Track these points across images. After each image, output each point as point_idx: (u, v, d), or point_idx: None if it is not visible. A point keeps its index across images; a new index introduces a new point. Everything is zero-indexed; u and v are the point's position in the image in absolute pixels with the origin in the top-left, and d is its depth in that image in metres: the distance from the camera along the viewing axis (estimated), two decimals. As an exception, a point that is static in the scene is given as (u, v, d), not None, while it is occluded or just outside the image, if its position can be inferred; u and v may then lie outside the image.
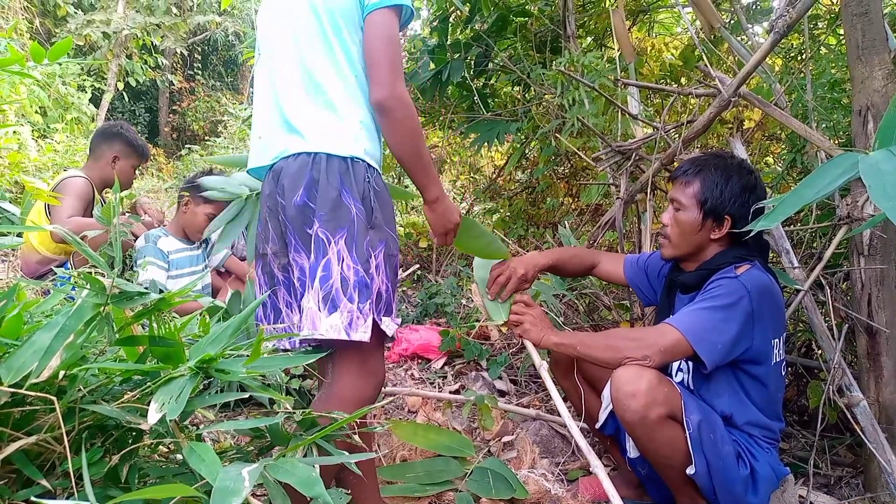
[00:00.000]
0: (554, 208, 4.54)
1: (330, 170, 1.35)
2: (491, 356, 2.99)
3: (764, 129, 3.91)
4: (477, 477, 1.87)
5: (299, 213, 1.35)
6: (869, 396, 1.98)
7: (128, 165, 3.05)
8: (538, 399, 2.63)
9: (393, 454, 2.04)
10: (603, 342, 1.69)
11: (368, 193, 1.38)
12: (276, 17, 1.49)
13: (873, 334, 1.99)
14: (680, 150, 2.23)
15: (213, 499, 0.76)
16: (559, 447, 2.28)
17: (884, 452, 1.83)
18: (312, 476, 0.84)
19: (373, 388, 1.38)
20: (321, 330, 1.30)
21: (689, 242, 1.78)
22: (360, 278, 1.33)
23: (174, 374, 1.00)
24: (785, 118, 2.02)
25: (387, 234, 1.41)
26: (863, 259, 2.00)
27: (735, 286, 1.64)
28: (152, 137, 11.69)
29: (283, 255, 1.43)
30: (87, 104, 7.56)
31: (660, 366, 1.63)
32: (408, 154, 1.41)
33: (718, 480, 1.62)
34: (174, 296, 1.08)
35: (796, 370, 2.64)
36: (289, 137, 1.40)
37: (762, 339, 1.66)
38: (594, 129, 2.72)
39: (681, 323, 1.63)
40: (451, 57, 3.84)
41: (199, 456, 0.87)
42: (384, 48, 1.36)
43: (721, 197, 1.71)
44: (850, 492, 2.10)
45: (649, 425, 1.57)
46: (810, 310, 2.09)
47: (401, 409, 2.53)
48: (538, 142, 4.07)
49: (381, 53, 1.36)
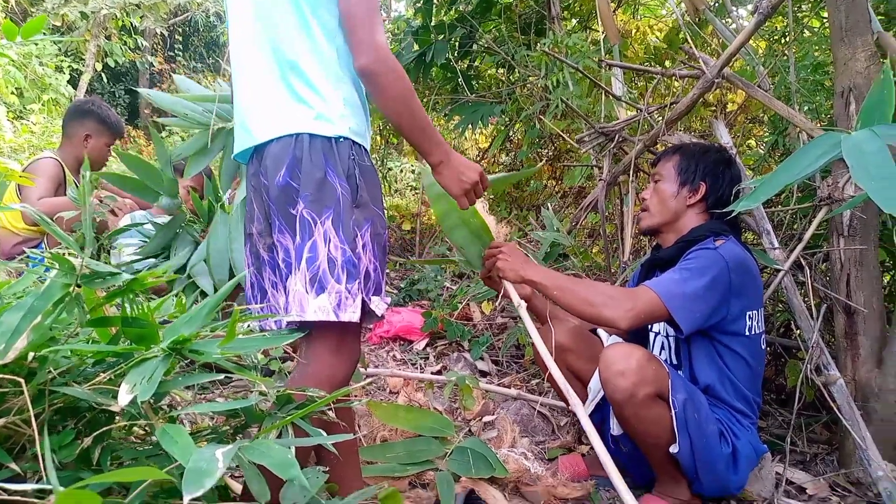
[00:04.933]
0: (537, 191, 4.53)
1: (313, 150, 1.32)
2: (473, 337, 2.99)
3: (747, 112, 3.92)
4: (457, 456, 1.87)
5: (282, 193, 1.33)
6: (846, 375, 2.00)
7: (101, 143, 2.95)
8: (519, 379, 2.64)
9: (373, 435, 2.03)
10: (581, 294, 1.68)
11: (353, 171, 1.35)
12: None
13: (851, 314, 2.01)
14: (663, 131, 2.23)
15: (186, 480, 0.75)
16: (539, 426, 2.29)
17: (859, 430, 1.86)
18: (288, 458, 0.83)
19: (348, 368, 1.36)
20: (309, 312, 1.28)
21: (667, 209, 1.87)
22: (348, 258, 1.30)
23: (147, 356, 0.98)
24: (768, 100, 2.02)
25: (373, 212, 1.38)
26: (842, 240, 2.01)
27: (714, 256, 1.67)
28: (132, 119, 11.50)
29: (267, 236, 1.41)
30: (65, 85, 7.42)
31: (632, 327, 1.65)
32: (403, 117, 1.36)
33: (701, 459, 1.64)
34: (147, 276, 1.05)
35: (775, 350, 2.67)
36: (271, 120, 1.37)
37: (738, 310, 1.70)
38: (578, 110, 2.71)
39: (659, 286, 1.65)
40: (434, 38, 3.81)
41: (172, 437, 0.86)
42: (362, 12, 1.31)
43: (697, 165, 1.84)
44: (826, 468, 2.14)
45: (637, 404, 1.58)
46: (790, 290, 2.11)
47: (382, 390, 2.53)
48: (522, 124, 4.05)
49: (359, 18, 1.31)
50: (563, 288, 1.70)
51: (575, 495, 1.85)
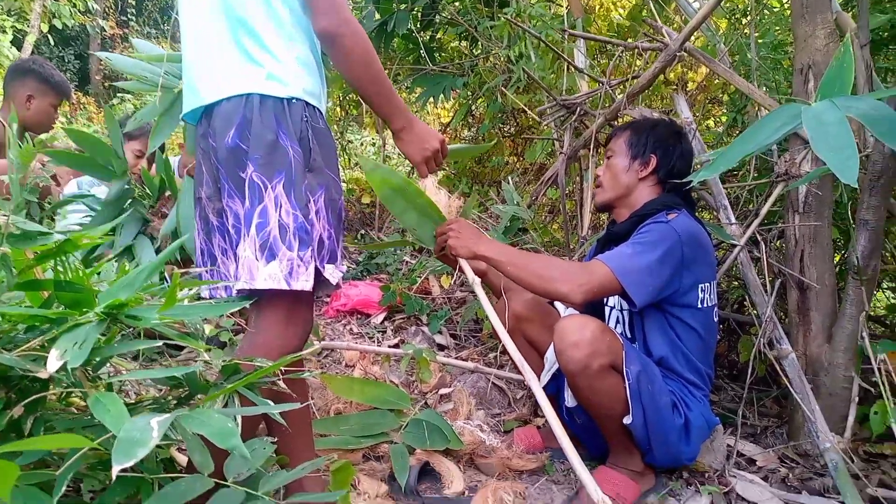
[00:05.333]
0: (499, 166, 4.50)
1: (264, 111, 1.26)
2: (432, 311, 2.97)
3: (707, 92, 3.95)
4: (412, 429, 1.86)
5: (231, 155, 1.27)
6: (797, 350, 2.04)
7: (45, 104, 2.78)
8: (477, 353, 2.63)
9: (327, 408, 2.00)
10: (534, 268, 1.67)
11: (307, 133, 1.29)
12: None
13: (804, 290, 2.04)
14: (624, 105, 2.21)
15: (116, 450, 0.70)
16: (496, 399, 2.28)
17: (809, 403, 1.90)
18: (228, 427, 0.79)
19: (300, 339, 1.32)
20: (259, 280, 1.23)
21: (619, 184, 1.87)
22: (300, 224, 1.25)
23: (80, 321, 0.92)
24: (729, 75, 2.02)
25: (328, 177, 1.33)
26: (798, 216, 2.04)
27: (666, 230, 1.67)
28: (83, 85, 11.07)
29: (216, 200, 1.35)
30: (9, 47, 7.09)
31: (586, 301, 1.65)
32: (364, 81, 1.32)
33: (654, 430, 1.65)
34: (81, 237, 0.99)
35: (729, 326, 2.71)
36: (220, 80, 1.30)
37: (690, 283, 1.71)
38: (540, 82, 2.68)
39: (611, 260, 1.64)
40: (396, 8, 3.72)
41: (105, 406, 0.81)
42: None
43: (647, 138, 1.85)
44: (775, 441, 2.19)
45: (591, 375, 1.58)
46: (745, 265, 2.13)
47: (338, 363, 2.49)
48: (484, 98, 4.00)
49: None
50: (516, 263, 1.69)
51: (530, 467, 1.85)
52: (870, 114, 1.10)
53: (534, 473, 1.87)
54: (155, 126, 1.73)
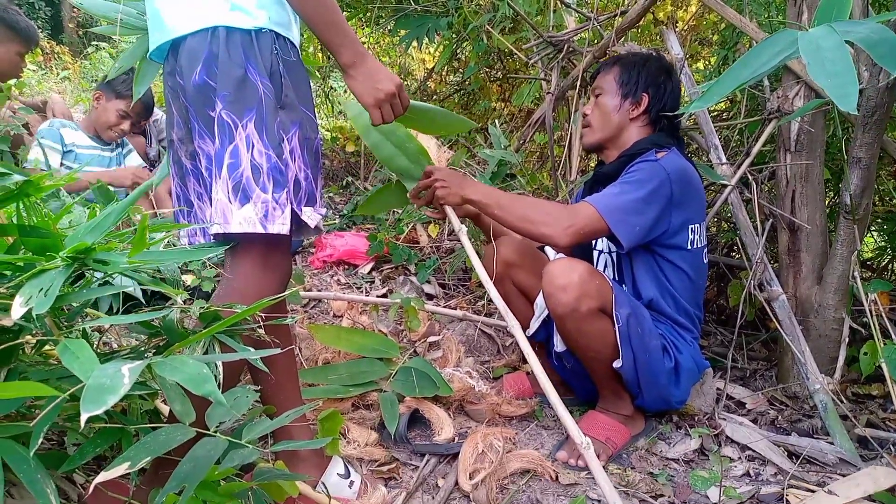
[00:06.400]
0: (486, 112, 4.42)
1: (231, 44, 1.18)
2: (420, 260, 2.93)
3: (696, 31, 3.86)
4: (401, 377, 1.84)
5: (199, 93, 1.19)
6: (787, 291, 2.03)
7: (11, 52, 2.66)
8: (466, 301, 2.61)
9: (315, 358, 1.97)
10: (521, 211, 1.64)
11: (277, 67, 1.22)
12: None
13: (795, 231, 2.02)
14: (613, 41, 2.14)
15: (84, 397, 0.67)
16: (485, 346, 2.27)
17: (798, 344, 1.89)
18: (203, 373, 0.75)
19: (277, 284, 1.27)
20: (234, 223, 1.18)
21: (609, 124, 1.81)
22: (273, 165, 1.19)
23: (46, 266, 0.87)
24: (720, 7, 1.95)
25: (301, 113, 1.26)
26: (789, 155, 2.00)
27: (655, 169, 1.64)
28: (56, 35, 10.70)
29: (188, 142, 1.28)
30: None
31: (573, 244, 1.62)
32: (308, 5, 1.21)
33: (643, 373, 1.64)
34: (43, 178, 0.94)
35: (718, 270, 2.70)
36: (184, 13, 1.22)
37: (679, 223, 1.68)
38: (526, 18, 2.58)
39: (599, 202, 1.61)
40: (377, -56, 3.57)
41: (73, 353, 0.77)
42: None
43: (638, 77, 1.78)
44: (764, 383, 2.19)
45: (580, 318, 1.55)
46: (736, 206, 2.10)
47: (326, 313, 2.46)
48: (469, 40, 3.89)
49: None
50: (503, 206, 1.65)
51: (519, 413, 1.85)
52: (870, 37, 1.05)
53: (523, 419, 1.87)
54: (137, 72, 1.63)
